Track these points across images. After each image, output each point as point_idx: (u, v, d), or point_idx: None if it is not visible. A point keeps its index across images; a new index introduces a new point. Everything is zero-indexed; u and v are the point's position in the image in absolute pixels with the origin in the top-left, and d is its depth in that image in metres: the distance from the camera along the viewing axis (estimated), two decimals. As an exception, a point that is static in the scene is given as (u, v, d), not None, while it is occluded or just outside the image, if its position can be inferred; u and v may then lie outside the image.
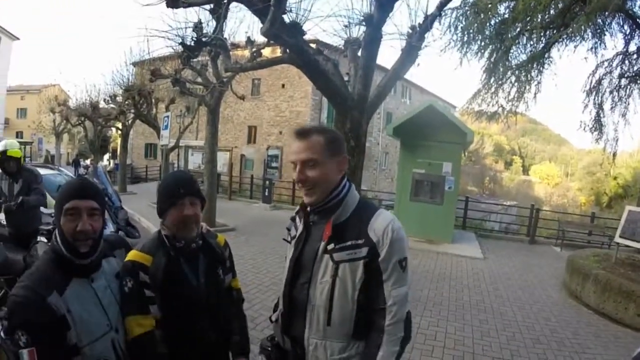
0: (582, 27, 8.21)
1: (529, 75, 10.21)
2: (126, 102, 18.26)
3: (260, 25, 4.96)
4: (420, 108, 10.20)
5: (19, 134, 38.40)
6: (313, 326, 1.62)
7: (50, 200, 5.88)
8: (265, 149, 24.91)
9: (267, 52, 9.66)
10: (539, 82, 10.31)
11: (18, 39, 37.00)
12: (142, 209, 12.66)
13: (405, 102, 32.76)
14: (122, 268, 1.66)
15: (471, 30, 9.37)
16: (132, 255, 1.68)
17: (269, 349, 1.80)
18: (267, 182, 15.01)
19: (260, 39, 8.09)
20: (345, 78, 6.45)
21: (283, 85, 24.78)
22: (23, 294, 1.39)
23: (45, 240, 3.67)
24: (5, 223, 4.48)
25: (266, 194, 14.81)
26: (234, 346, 1.91)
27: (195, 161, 20.71)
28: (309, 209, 1.70)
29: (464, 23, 9.28)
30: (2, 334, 2.14)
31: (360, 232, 1.57)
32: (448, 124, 9.80)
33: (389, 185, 29.39)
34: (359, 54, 6.25)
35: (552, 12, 8.81)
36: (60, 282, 1.47)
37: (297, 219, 1.82)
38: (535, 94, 10.47)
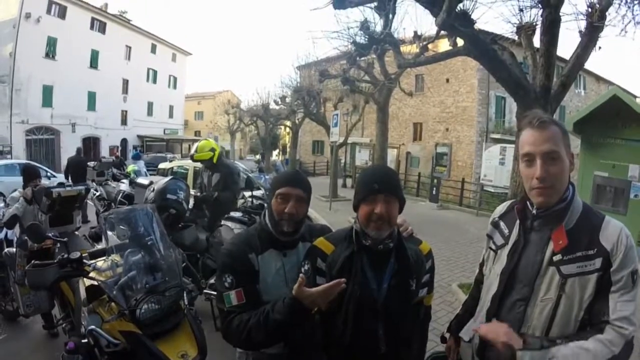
0: None
1: None
2: (295, 102, 19.64)
3: (430, 18, 4.79)
4: (604, 98, 8.62)
5: (196, 133, 44.85)
6: None
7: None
8: (433, 146, 24.28)
9: (432, 47, 9.37)
10: None
11: (190, 54, 44.49)
12: (311, 201, 13.27)
13: (580, 92, 28.63)
14: (307, 250, 1.74)
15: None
16: (318, 241, 1.71)
17: None
18: (435, 180, 14.61)
19: (427, 33, 7.94)
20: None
21: (447, 80, 23.79)
22: (230, 247, 1.78)
23: (230, 224, 4.16)
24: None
25: (433, 192, 14.38)
26: None
27: (362, 157, 21.21)
28: (533, 211, 1.48)
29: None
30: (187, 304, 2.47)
31: (591, 241, 1.35)
32: (636, 117, 8.15)
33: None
34: (535, 40, 5.66)
35: None
36: (259, 248, 1.76)
37: (503, 225, 1.63)
38: None
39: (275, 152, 44.32)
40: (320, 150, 33.09)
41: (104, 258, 2.53)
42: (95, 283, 2.40)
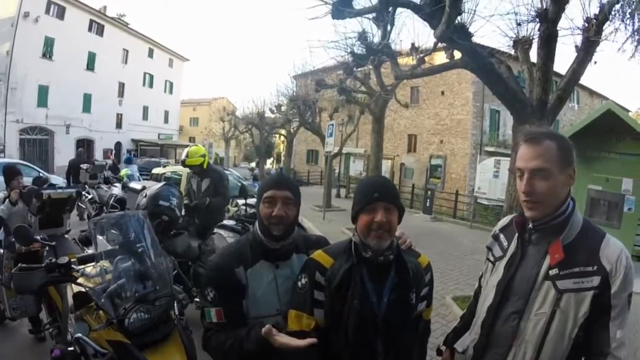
0: None
1: None
2: (291, 111, 19.68)
3: (427, 30, 4.81)
4: (598, 113, 8.71)
5: (191, 139, 44.57)
6: None
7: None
8: (427, 158, 24.32)
9: (428, 60, 9.41)
10: None
11: (188, 60, 44.47)
12: (304, 210, 13.11)
13: (573, 106, 28.87)
14: (303, 263, 1.68)
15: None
16: (316, 254, 1.66)
17: None
18: (429, 192, 14.62)
19: (424, 45, 7.98)
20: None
21: (443, 93, 24.02)
22: (217, 260, 1.74)
23: (222, 233, 4.11)
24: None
25: (427, 204, 14.39)
26: None
27: (356, 168, 21.22)
28: (530, 225, 1.50)
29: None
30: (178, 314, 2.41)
31: (590, 258, 1.35)
32: (630, 131, 8.18)
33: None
34: (531, 54, 5.67)
35: None
36: (249, 260, 1.70)
37: (502, 237, 1.63)
38: None
39: (269, 161, 44.27)
40: (315, 160, 33.12)
41: (93, 264, 2.46)
42: (83, 290, 2.33)
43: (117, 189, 8.04)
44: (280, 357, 1.50)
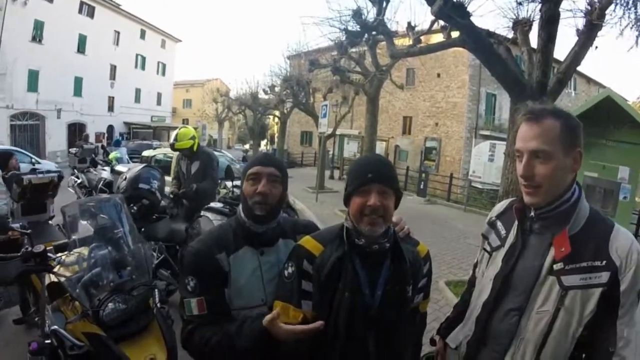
0: None
1: None
2: (285, 92, 19.49)
3: (424, 8, 4.69)
4: (596, 99, 8.58)
5: (184, 121, 44.03)
6: None
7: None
8: (422, 141, 24.27)
9: (425, 40, 9.24)
10: None
11: (180, 41, 43.94)
12: (297, 192, 13.26)
13: (570, 93, 28.66)
14: (291, 250, 1.54)
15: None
16: (304, 240, 1.51)
17: None
18: (423, 175, 14.53)
19: (421, 26, 7.83)
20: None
21: (439, 75, 23.69)
22: (197, 246, 1.56)
23: (209, 216, 3.99)
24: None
25: (421, 186, 14.33)
26: None
27: (350, 149, 21.10)
28: (532, 213, 1.36)
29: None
30: (158, 303, 2.30)
31: (598, 252, 1.22)
32: (628, 119, 8.08)
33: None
34: (531, 37, 5.54)
35: None
36: (232, 246, 1.56)
37: (500, 225, 1.49)
38: None
39: (263, 142, 44.07)
40: (309, 141, 32.87)
41: (66, 253, 2.33)
42: (58, 279, 2.22)
43: (105, 173, 7.91)
44: (272, 355, 1.40)
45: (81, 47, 29.76)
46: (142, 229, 3.72)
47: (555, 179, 1.26)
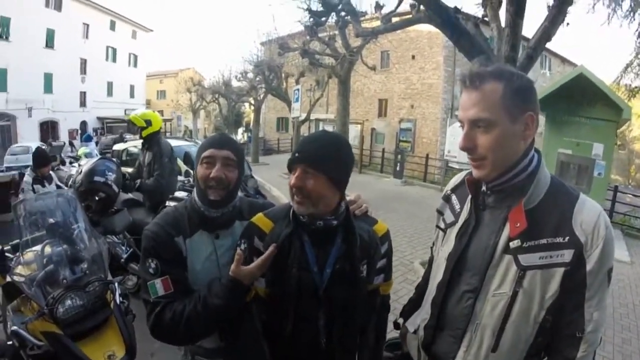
0: None
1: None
2: (257, 78, 19.30)
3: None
4: (570, 76, 8.65)
5: (159, 113, 42.94)
6: (472, 350, 1.21)
7: (183, 167, 6.37)
8: (397, 122, 24.30)
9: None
10: None
11: (152, 30, 43.25)
12: (273, 179, 13.23)
13: (545, 73, 28.86)
14: (244, 228, 1.52)
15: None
16: (256, 217, 1.49)
17: None
18: (399, 156, 14.49)
19: (388, 7, 7.76)
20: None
21: (413, 57, 23.64)
22: (154, 229, 1.50)
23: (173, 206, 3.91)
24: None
25: (397, 168, 14.29)
26: None
27: (326, 134, 20.99)
28: (483, 187, 1.25)
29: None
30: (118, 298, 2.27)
31: (560, 227, 1.10)
32: (601, 96, 8.09)
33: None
34: (501, 11, 5.51)
35: None
36: (187, 230, 1.52)
37: (455, 199, 1.41)
38: None
39: (240, 130, 43.62)
40: (285, 128, 32.59)
41: (19, 253, 2.28)
42: (13, 279, 2.17)
43: (75, 169, 7.76)
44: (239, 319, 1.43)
45: (50, 42, 29.03)
46: (100, 223, 3.61)
47: (501, 149, 1.12)
